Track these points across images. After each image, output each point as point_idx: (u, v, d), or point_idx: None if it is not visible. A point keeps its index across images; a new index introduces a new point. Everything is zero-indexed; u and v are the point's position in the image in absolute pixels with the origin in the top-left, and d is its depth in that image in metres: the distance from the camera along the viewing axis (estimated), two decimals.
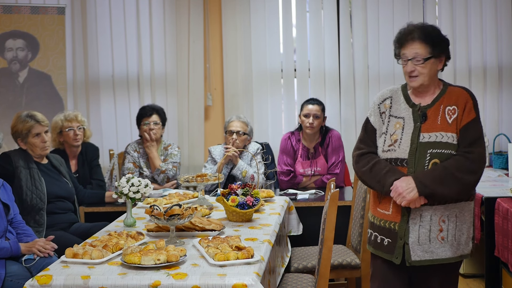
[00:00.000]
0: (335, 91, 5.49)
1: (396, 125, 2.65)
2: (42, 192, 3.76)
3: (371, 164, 2.65)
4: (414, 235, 2.57)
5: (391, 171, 2.58)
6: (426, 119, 2.60)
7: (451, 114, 2.58)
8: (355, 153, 2.76)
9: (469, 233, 2.60)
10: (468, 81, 5.42)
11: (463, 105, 2.57)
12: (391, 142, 2.63)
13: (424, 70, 2.59)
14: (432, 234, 2.56)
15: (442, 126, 2.57)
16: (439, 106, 2.60)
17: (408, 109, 2.65)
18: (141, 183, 3.18)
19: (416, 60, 2.58)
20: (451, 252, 2.58)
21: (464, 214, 2.59)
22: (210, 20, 5.49)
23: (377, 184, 2.62)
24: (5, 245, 3.12)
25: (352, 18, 5.46)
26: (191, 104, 5.49)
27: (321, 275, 2.80)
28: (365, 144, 2.73)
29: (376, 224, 2.70)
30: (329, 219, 2.76)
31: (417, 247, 2.57)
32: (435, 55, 2.60)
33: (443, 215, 2.56)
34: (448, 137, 2.55)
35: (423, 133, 2.58)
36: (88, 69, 5.42)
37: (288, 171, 4.59)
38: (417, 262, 2.58)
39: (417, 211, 2.57)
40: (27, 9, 5.08)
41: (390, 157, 2.63)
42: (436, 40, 2.60)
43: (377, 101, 2.74)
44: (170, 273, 2.31)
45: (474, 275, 4.56)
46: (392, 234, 2.62)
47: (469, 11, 5.39)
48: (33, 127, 3.80)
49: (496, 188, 4.16)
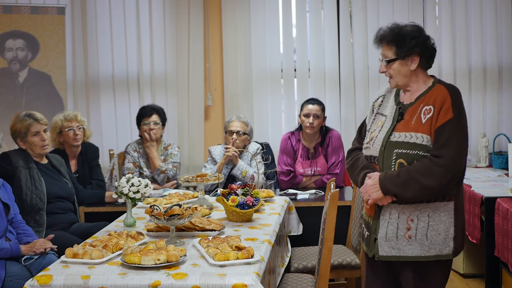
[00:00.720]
0: (335, 91, 5.49)
1: (378, 123, 2.69)
2: (42, 192, 3.76)
3: (353, 160, 2.74)
4: (382, 231, 2.60)
5: (365, 167, 2.65)
6: (402, 118, 2.60)
7: (426, 114, 2.54)
8: (348, 150, 2.87)
9: (448, 233, 2.55)
10: (468, 81, 5.42)
11: (440, 104, 2.51)
12: (368, 140, 2.69)
13: (392, 72, 2.62)
14: (399, 231, 2.58)
15: (415, 126, 2.55)
16: (419, 105, 2.58)
17: (393, 107, 2.67)
18: (141, 183, 3.18)
19: (384, 61, 2.63)
20: (420, 250, 2.56)
21: (440, 214, 2.55)
22: (210, 20, 5.49)
23: (354, 179, 2.72)
24: (5, 246, 3.12)
25: (352, 18, 5.46)
26: (191, 104, 5.49)
27: (321, 275, 2.80)
28: (356, 141, 2.83)
29: (363, 217, 2.78)
30: (329, 219, 2.76)
31: (384, 242, 2.60)
32: (401, 57, 2.59)
33: (412, 214, 2.56)
34: (418, 138, 2.52)
35: (395, 132, 2.58)
36: (88, 69, 5.42)
37: (288, 171, 4.59)
38: (384, 257, 2.61)
39: (387, 208, 2.59)
40: (27, 9, 5.08)
41: (367, 154, 2.69)
42: (401, 41, 2.58)
43: (374, 99, 2.82)
44: (170, 273, 2.31)
45: (474, 275, 4.57)
46: (369, 227, 2.69)
47: (469, 11, 5.39)
48: (32, 126, 3.81)
49: (496, 188, 4.16)
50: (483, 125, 5.45)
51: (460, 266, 4.60)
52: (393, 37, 2.60)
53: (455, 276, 4.62)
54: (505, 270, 3.75)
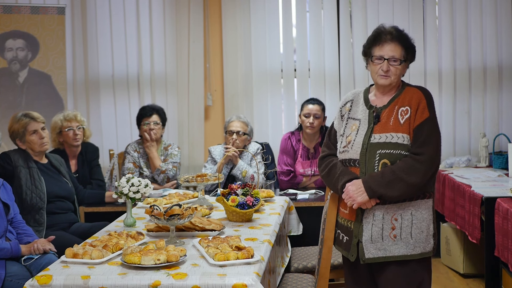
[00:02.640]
0: (335, 91, 5.49)
1: (352, 127, 2.72)
2: (42, 192, 3.76)
3: (328, 167, 2.75)
4: (367, 234, 2.62)
5: (343, 173, 2.66)
6: (379, 121, 2.64)
7: (403, 115, 2.62)
8: (319, 157, 2.86)
9: (428, 230, 2.62)
10: (468, 81, 5.42)
11: (416, 105, 2.60)
12: (345, 144, 2.71)
13: (397, 72, 2.65)
14: (384, 232, 2.60)
15: (394, 127, 2.61)
16: (394, 107, 2.65)
17: (365, 111, 2.71)
18: (141, 183, 3.19)
19: (391, 61, 2.63)
20: (406, 249, 2.59)
21: (422, 212, 2.61)
22: (210, 20, 5.49)
23: (333, 186, 2.72)
24: (6, 246, 3.12)
25: (352, 18, 5.46)
26: (191, 104, 5.49)
27: (321, 275, 2.80)
28: (327, 147, 2.84)
29: (339, 222, 2.78)
30: (329, 219, 2.77)
31: (370, 245, 2.62)
32: (408, 59, 2.68)
33: (396, 213, 2.60)
34: (399, 138, 2.59)
35: (375, 134, 2.62)
36: (88, 69, 5.42)
37: (288, 171, 4.59)
38: (371, 259, 2.62)
39: (370, 211, 2.62)
40: (27, 9, 5.08)
41: (345, 158, 2.70)
42: (409, 46, 2.67)
43: (340, 105, 2.84)
44: (170, 273, 2.31)
45: (474, 275, 4.56)
46: (349, 232, 2.69)
47: (469, 11, 5.39)
48: (29, 124, 3.81)
49: (496, 188, 4.16)
50: (483, 125, 5.44)
51: (460, 266, 4.60)
52: (402, 38, 2.65)
53: (455, 276, 4.62)
54: (505, 270, 3.75)
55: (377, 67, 2.66)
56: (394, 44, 2.63)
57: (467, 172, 4.88)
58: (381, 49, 2.65)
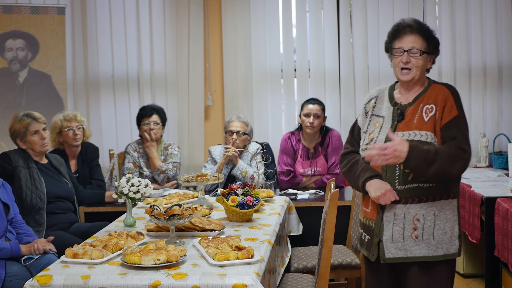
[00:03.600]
0: (335, 91, 5.49)
1: (376, 124, 2.68)
2: (41, 192, 3.76)
3: (350, 164, 2.71)
4: (388, 233, 2.59)
5: (365, 170, 2.62)
6: (403, 118, 2.60)
7: (428, 112, 2.57)
8: (340, 153, 2.83)
9: (453, 231, 2.57)
10: (468, 81, 5.42)
11: (442, 103, 2.56)
12: (368, 141, 2.67)
13: (419, 63, 2.59)
14: (406, 232, 2.57)
15: (417, 125, 2.56)
16: (419, 105, 2.61)
17: (389, 108, 2.67)
18: (141, 183, 3.19)
19: (412, 52, 2.59)
20: (428, 250, 2.56)
21: (446, 212, 2.57)
22: (210, 20, 5.49)
23: (354, 183, 2.69)
24: (6, 246, 3.12)
25: (352, 18, 5.46)
26: (191, 104, 5.49)
27: (321, 275, 2.80)
28: (349, 144, 2.80)
29: (362, 221, 2.76)
30: (329, 219, 2.76)
31: (390, 244, 2.58)
32: (430, 51, 2.63)
33: (418, 213, 2.56)
34: (422, 135, 2.54)
35: (398, 132, 2.58)
36: (88, 69, 5.42)
37: (288, 171, 4.59)
38: (391, 259, 2.59)
39: (391, 209, 2.58)
40: (27, 9, 5.08)
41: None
42: (431, 37, 2.63)
43: (365, 101, 2.80)
44: (170, 273, 2.31)
45: (474, 275, 4.56)
46: (370, 231, 2.66)
47: (469, 11, 5.39)
48: (30, 125, 3.81)
49: (496, 188, 4.16)
50: (483, 125, 5.44)
51: (460, 266, 4.60)
52: (423, 30, 2.61)
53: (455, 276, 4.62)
54: (505, 270, 3.75)
55: (397, 60, 2.61)
56: (414, 36, 2.59)
57: (467, 172, 4.87)
58: (401, 41, 2.61)
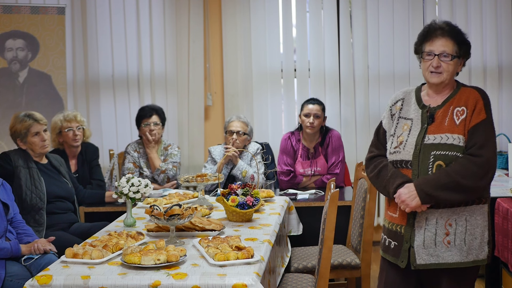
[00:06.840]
0: (335, 91, 5.49)
1: (404, 127, 2.62)
2: (41, 192, 3.76)
3: (377, 169, 2.64)
4: (419, 239, 2.53)
5: (394, 176, 2.56)
6: (434, 121, 2.55)
7: (459, 115, 2.52)
8: (366, 157, 2.76)
9: (483, 237, 2.52)
10: (468, 81, 5.42)
11: (472, 105, 2.50)
12: (397, 144, 2.60)
13: (450, 68, 2.54)
14: (438, 237, 2.51)
15: (449, 128, 2.51)
16: (449, 107, 2.55)
17: (417, 111, 2.61)
18: (141, 183, 3.19)
19: (443, 56, 2.54)
20: (460, 256, 2.51)
21: (476, 218, 2.52)
22: (210, 20, 5.49)
23: (384, 189, 2.63)
24: (6, 246, 3.12)
25: (352, 18, 5.46)
26: (191, 104, 5.49)
27: (321, 275, 2.80)
28: (375, 147, 2.73)
29: (386, 227, 2.69)
30: (329, 219, 2.76)
31: (422, 250, 2.53)
32: (461, 55, 2.58)
33: (450, 218, 2.51)
34: (454, 139, 2.49)
35: (429, 135, 2.53)
36: (88, 69, 5.42)
37: (288, 171, 4.59)
38: (422, 265, 2.53)
39: (423, 214, 2.53)
40: (27, 9, 5.07)
41: (396, 159, 2.60)
42: (462, 41, 2.57)
43: (390, 103, 2.73)
44: (170, 273, 2.31)
45: None
46: (398, 237, 2.60)
47: (469, 11, 5.39)
48: (32, 126, 3.81)
49: (496, 188, 4.15)
50: None
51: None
52: (455, 33, 2.56)
53: None
54: (505, 270, 3.75)
55: (427, 64, 2.55)
56: (445, 39, 2.53)
57: None
58: (432, 45, 2.54)
